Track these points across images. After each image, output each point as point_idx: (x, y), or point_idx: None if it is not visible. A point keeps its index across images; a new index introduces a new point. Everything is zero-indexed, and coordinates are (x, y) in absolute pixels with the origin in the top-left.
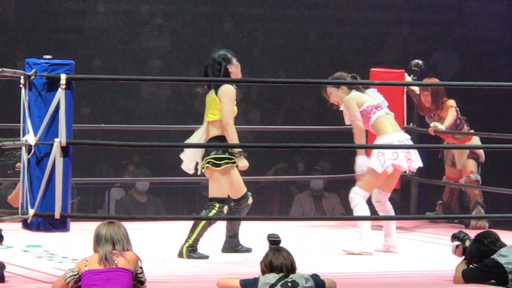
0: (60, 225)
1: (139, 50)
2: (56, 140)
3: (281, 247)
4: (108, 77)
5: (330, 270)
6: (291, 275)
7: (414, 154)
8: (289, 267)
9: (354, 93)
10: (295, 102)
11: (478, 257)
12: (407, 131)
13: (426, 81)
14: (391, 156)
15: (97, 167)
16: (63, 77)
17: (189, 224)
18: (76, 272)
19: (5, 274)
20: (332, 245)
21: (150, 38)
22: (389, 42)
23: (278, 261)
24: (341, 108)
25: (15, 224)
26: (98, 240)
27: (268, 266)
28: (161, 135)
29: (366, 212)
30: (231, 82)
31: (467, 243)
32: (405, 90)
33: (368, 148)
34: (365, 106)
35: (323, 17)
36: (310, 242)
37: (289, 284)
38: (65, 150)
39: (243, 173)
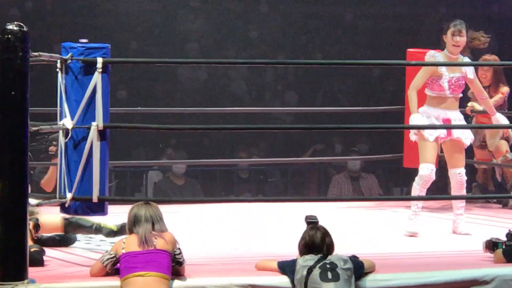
0: (98, 208)
1: (175, 33)
2: (93, 123)
3: (319, 226)
4: (144, 60)
5: (369, 251)
6: (329, 256)
7: None
8: (328, 246)
9: None
10: (332, 83)
11: None
12: None
13: (485, 57)
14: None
15: (135, 150)
16: (100, 60)
17: (226, 206)
18: (114, 255)
19: (44, 258)
20: (370, 226)
21: (186, 21)
22: (425, 22)
23: (317, 240)
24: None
25: (53, 208)
26: (137, 220)
27: (306, 245)
28: (198, 117)
29: None
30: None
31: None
32: None
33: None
34: None
35: None
36: (348, 223)
37: (328, 266)
38: (102, 134)
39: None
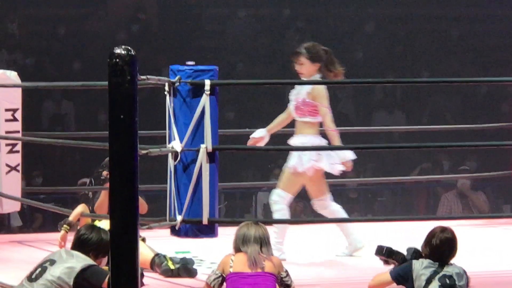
0: (208, 230)
1: (281, 53)
2: (202, 146)
3: (449, 228)
4: (251, 81)
5: (480, 268)
6: (448, 268)
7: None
8: (451, 254)
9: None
10: (439, 101)
11: None
12: None
13: None
14: (313, 157)
15: (244, 172)
16: (208, 83)
17: (331, 226)
18: (219, 274)
19: (155, 280)
20: (481, 244)
21: (293, 42)
22: None
23: (446, 245)
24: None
25: (163, 231)
26: (246, 240)
27: (434, 248)
28: None
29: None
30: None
31: None
32: None
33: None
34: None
35: (465, 15)
36: (458, 241)
37: (447, 281)
38: (211, 156)
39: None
